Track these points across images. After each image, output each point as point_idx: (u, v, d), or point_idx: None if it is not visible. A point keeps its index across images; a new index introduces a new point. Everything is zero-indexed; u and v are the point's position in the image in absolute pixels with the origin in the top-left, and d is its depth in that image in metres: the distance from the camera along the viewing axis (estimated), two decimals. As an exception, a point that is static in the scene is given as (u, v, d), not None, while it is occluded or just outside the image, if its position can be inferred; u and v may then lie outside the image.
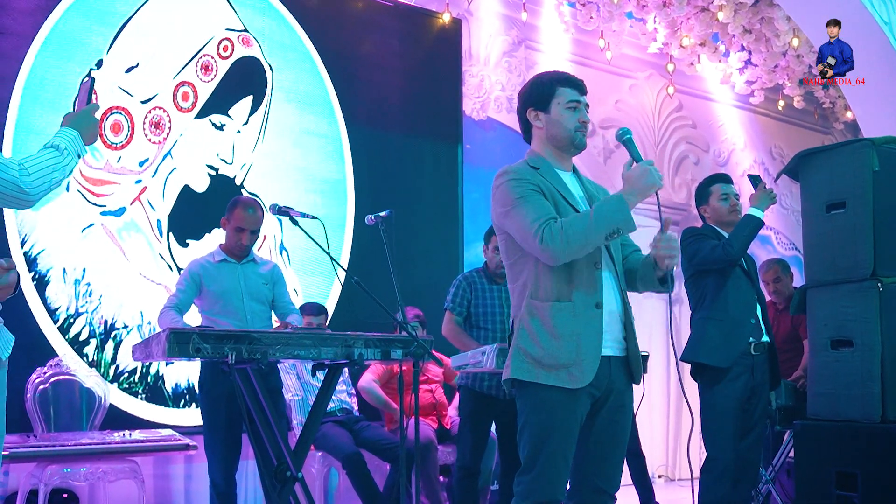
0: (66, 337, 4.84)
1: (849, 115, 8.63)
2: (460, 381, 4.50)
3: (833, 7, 5.95)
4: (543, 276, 2.61)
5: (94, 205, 5.02)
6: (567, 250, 2.53)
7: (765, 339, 4.03)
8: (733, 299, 3.98)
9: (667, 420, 7.62)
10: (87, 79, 4.98)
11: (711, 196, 4.19)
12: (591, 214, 2.54)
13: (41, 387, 4.64)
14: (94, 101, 2.59)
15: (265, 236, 5.49)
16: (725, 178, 4.27)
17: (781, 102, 8.76)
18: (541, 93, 2.76)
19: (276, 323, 4.40)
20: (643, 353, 3.13)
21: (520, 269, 2.68)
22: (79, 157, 2.33)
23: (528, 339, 2.61)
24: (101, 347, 4.95)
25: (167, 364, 5.11)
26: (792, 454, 4.82)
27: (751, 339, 3.96)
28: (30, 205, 2.21)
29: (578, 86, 2.77)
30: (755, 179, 4.18)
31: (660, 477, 7.65)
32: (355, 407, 5.32)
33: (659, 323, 7.43)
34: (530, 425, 2.61)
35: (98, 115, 2.45)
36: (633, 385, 2.74)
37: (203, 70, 5.49)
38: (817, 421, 4.41)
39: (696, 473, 4.22)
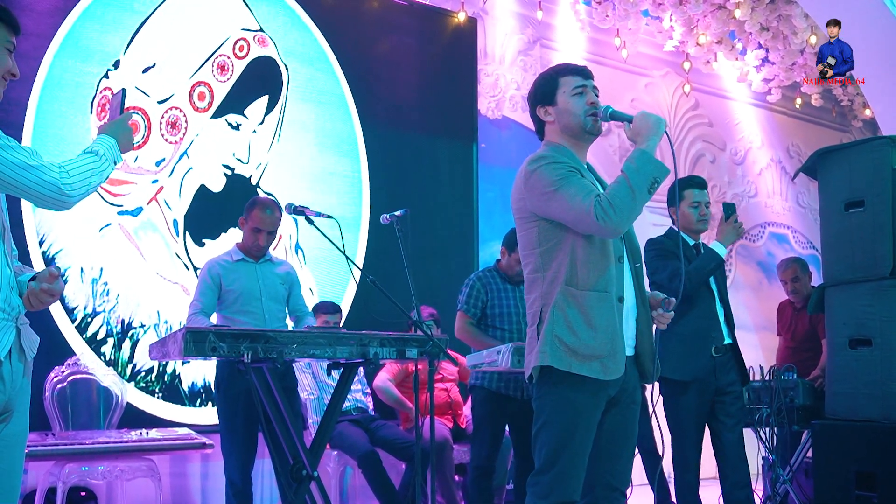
0: (84, 336, 4.87)
1: (867, 112, 8.57)
2: (473, 382, 4.45)
3: (851, 4, 5.91)
4: (580, 265, 2.59)
5: (112, 204, 5.04)
6: (623, 219, 2.51)
7: (727, 341, 4.06)
8: (696, 314, 4.01)
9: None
10: (104, 84, 5.01)
11: (683, 201, 4.17)
12: (626, 178, 2.52)
13: (59, 385, 4.67)
14: (126, 110, 2.65)
15: (280, 235, 5.49)
16: (700, 184, 4.25)
17: (799, 100, 8.71)
18: (545, 87, 2.76)
19: (290, 324, 4.41)
20: (659, 351, 3.11)
21: (551, 257, 2.63)
22: (115, 163, 2.39)
23: (565, 327, 2.57)
24: (118, 346, 4.98)
25: (184, 363, 5.13)
26: (810, 454, 4.79)
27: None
28: (68, 206, 2.26)
29: (581, 71, 2.75)
30: (729, 209, 4.15)
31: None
32: (371, 406, 5.33)
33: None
34: (551, 424, 2.59)
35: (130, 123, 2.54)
36: (648, 383, 2.74)
37: (219, 70, 5.51)
38: (836, 420, 4.39)
39: (713, 473, 4.22)
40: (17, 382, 2.22)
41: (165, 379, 5.12)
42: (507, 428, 4.55)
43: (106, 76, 5.06)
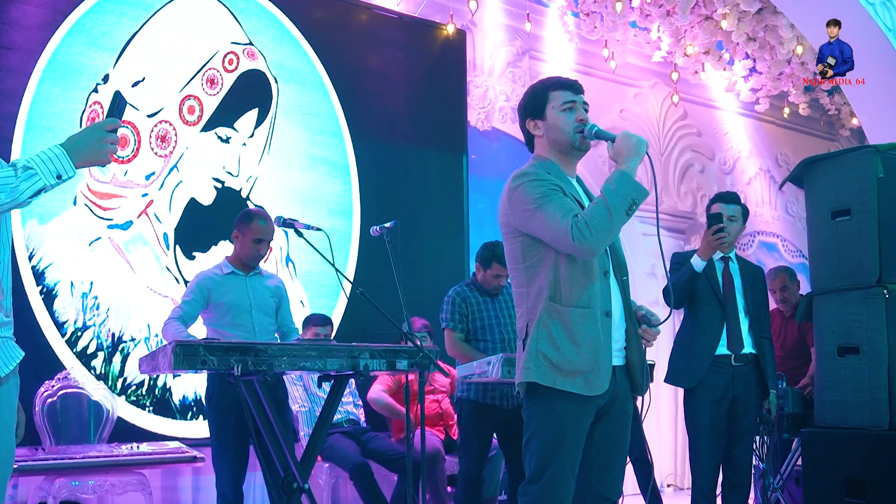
0: (74, 350, 4.87)
1: (854, 121, 8.63)
2: (460, 394, 4.49)
3: (837, 14, 5.95)
4: (563, 281, 2.60)
5: (102, 218, 5.04)
6: (599, 240, 2.52)
7: (747, 350, 4.21)
8: (699, 327, 4.24)
9: (675, 428, 7.60)
10: (93, 98, 5.02)
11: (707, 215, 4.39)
12: (604, 200, 2.53)
13: (49, 400, 4.65)
14: (123, 116, 2.26)
15: (271, 248, 5.49)
16: (724, 198, 4.42)
17: (787, 110, 8.76)
18: (535, 101, 2.77)
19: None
20: (650, 362, 3.13)
21: (535, 273, 2.65)
22: (59, 178, 2.06)
23: (548, 343, 2.59)
24: (108, 360, 4.97)
25: (174, 376, 5.13)
26: (800, 462, 4.81)
27: (728, 351, 4.18)
28: None
29: (572, 86, 2.76)
30: (711, 220, 4.22)
31: (668, 486, 7.62)
32: (362, 418, 5.33)
33: (667, 331, 7.41)
34: (540, 434, 2.61)
35: (111, 128, 2.18)
36: (639, 395, 2.76)
37: (209, 83, 5.53)
38: (825, 428, 4.40)
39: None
40: None
41: (156, 392, 5.11)
42: (495, 438, 4.57)
43: (95, 90, 5.07)
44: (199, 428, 5.14)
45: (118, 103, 2.27)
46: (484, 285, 4.54)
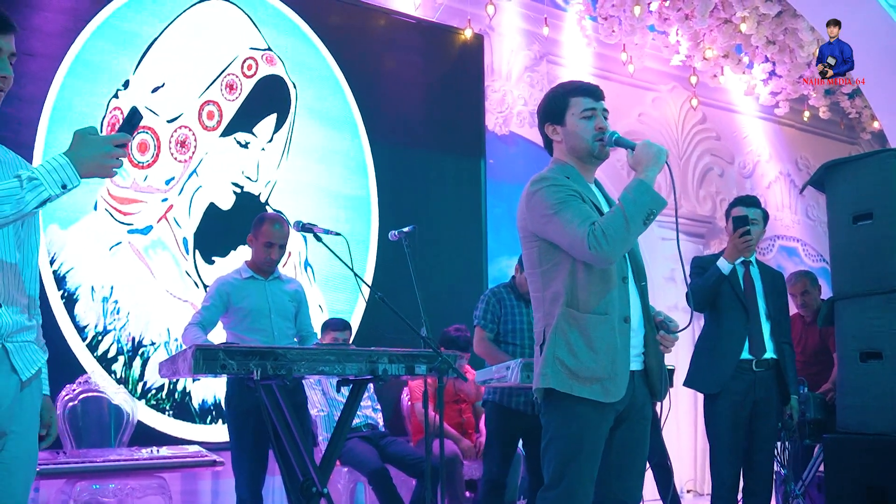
0: (95, 354, 4.90)
1: (875, 124, 8.56)
2: (487, 397, 4.48)
3: (857, 16, 5.92)
4: (580, 286, 2.59)
5: (122, 223, 5.07)
6: (616, 249, 2.51)
7: (768, 356, 4.15)
8: (724, 331, 4.18)
9: (695, 434, 7.56)
10: (114, 104, 5.05)
11: (728, 221, 4.34)
12: (622, 208, 2.52)
13: (70, 404, 4.68)
14: (134, 132, 2.20)
15: (290, 253, 5.52)
16: (744, 202, 4.36)
17: (807, 113, 8.71)
18: (555, 106, 2.75)
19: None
20: (669, 367, 3.12)
21: (552, 277, 2.64)
22: (64, 188, 2.05)
23: (566, 349, 2.58)
24: (128, 364, 5.00)
25: (194, 381, 5.15)
26: (822, 468, 4.76)
27: (749, 356, 4.12)
28: None
29: (593, 92, 2.74)
30: (736, 222, 4.17)
31: (688, 492, 7.58)
32: (381, 422, 5.33)
33: (685, 336, 7.37)
34: (558, 440, 2.59)
35: (120, 143, 2.12)
36: (658, 401, 2.74)
37: (228, 89, 5.55)
38: (847, 434, 4.36)
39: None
40: (6, 403, 2.14)
41: (176, 396, 5.13)
42: (520, 443, 4.55)
43: (116, 96, 5.11)
44: (218, 432, 5.16)
45: (133, 118, 2.21)
46: (519, 288, 4.53)
